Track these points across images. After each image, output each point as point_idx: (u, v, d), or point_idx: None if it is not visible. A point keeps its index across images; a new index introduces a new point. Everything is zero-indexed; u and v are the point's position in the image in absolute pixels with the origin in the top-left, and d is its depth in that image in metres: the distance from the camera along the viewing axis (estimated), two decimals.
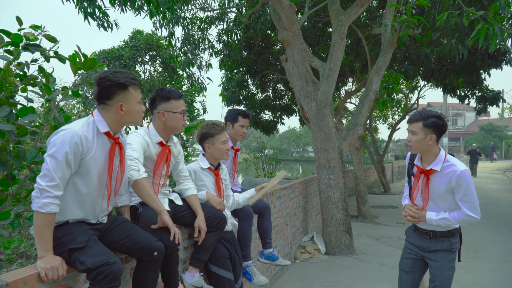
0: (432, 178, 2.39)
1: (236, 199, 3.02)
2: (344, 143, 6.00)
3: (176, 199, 2.53)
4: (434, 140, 2.34)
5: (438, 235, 2.45)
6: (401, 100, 14.90)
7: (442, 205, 2.40)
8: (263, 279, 3.10)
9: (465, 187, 2.27)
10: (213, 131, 2.75)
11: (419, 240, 2.55)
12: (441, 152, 2.38)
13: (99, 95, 1.84)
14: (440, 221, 2.37)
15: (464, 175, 2.27)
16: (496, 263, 5.20)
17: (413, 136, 2.37)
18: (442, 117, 2.35)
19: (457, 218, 2.33)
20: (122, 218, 2.02)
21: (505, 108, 40.18)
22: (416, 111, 2.44)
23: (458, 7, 5.34)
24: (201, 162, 2.81)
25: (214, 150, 2.76)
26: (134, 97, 1.89)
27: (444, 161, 2.34)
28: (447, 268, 2.43)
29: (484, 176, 19.27)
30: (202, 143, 2.81)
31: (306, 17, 6.68)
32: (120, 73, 1.85)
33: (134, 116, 1.91)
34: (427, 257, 2.51)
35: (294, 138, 53.01)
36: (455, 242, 2.46)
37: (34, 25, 2.60)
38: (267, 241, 3.38)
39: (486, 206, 10.05)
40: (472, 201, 2.29)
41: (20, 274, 1.52)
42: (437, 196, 2.40)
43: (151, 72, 11.03)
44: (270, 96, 11.55)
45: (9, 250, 4.77)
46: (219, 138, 2.75)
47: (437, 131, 2.33)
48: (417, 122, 2.35)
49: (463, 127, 52.91)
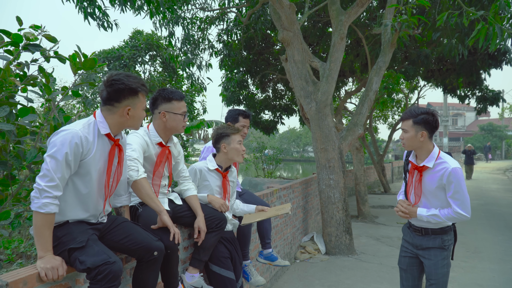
0: (425, 175, 2.40)
1: (234, 207, 3.00)
2: (344, 143, 6.00)
3: (176, 199, 2.52)
4: (426, 137, 2.35)
5: (429, 232, 2.45)
6: (401, 100, 14.90)
7: (434, 202, 2.41)
8: (260, 279, 3.10)
9: (456, 184, 2.28)
10: (229, 131, 2.75)
11: (412, 238, 2.56)
12: (435, 149, 2.39)
13: (109, 97, 1.83)
14: (430, 217, 2.37)
15: (455, 172, 2.27)
16: (496, 263, 5.20)
17: (405, 133, 2.40)
18: (432, 113, 2.36)
19: (447, 216, 2.33)
20: (122, 218, 2.02)
21: (505, 108, 40.21)
22: (408, 109, 2.46)
23: (458, 7, 5.34)
24: (209, 162, 2.77)
25: (230, 150, 2.73)
26: (141, 103, 1.91)
27: (437, 158, 2.36)
28: (441, 266, 2.43)
29: (484, 176, 19.26)
30: (218, 143, 2.77)
31: (306, 17, 6.68)
32: (132, 78, 1.86)
33: (137, 121, 1.93)
34: (421, 255, 2.51)
35: (294, 138, 53.00)
36: (448, 239, 2.45)
37: (34, 25, 2.60)
38: (267, 241, 3.38)
39: (486, 206, 10.05)
40: (462, 199, 2.29)
41: (20, 274, 1.52)
42: (429, 192, 2.41)
43: (151, 72, 11.03)
44: (270, 96, 11.55)
45: (9, 250, 4.77)
46: (235, 138, 2.74)
47: (428, 127, 2.34)
48: (408, 120, 2.38)
49: (463, 127, 52.92)
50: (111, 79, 1.82)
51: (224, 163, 2.79)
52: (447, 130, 24.14)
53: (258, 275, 3.11)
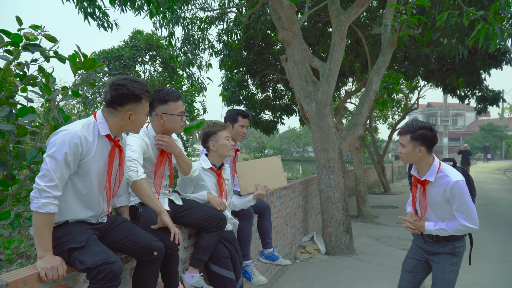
0: (428, 188, 2.38)
1: (233, 200, 3.01)
2: (344, 143, 6.00)
3: (176, 199, 2.52)
4: (424, 152, 2.31)
5: (441, 239, 2.45)
6: (401, 100, 14.90)
7: (441, 214, 2.39)
8: (262, 278, 3.10)
9: (459, 197, 2.24)
10: (215, 128, 2.78)
11: (424, 243, 2.56)
12: (435, 162, 2.35)
13: (112, 100, 1.84)
14: (438, 231, 2.37)
15: (457, 186, 2.23)
16: (496, 263, 5.20)
17: (403, 148, 2.37)
18: (431, 128, 2.31)
19: (454, 228, 2.31)
20: (122, 218, 2.02)
21: (505, 108, 40.22)
22: (406, 123, 2.41)
23: (458, 7, 5.34)
24: (203, 162, 2.79)
25: (219, 147, 2.75)
26: (143, 109, 1.91)
27: (438, 172, 2.32)
28: (448, 271, 2.42)
29: (484, 176, 19.26)
30: (206, 142, 2.80)
31: (306, 17, 6.68)
32: (138, 84, 1.87)
33: (137, 126, 1.94)
34: (431, 259, 2.52)
35: (294, 138, 53.01)
36: (459, 246, 2.44)
37: (34, 25, 2.59)
38: (267, 241, 3.38)
39: (486, 206, 10.05)
40: (467, 211, 2.26)
41: (20, 274, 1.52)
42: (435, 205, 2.39)
43: (151, 72, 11.03)
44: (270, 96, 11.55)
45: (9, 250, 4.78)
46: (222, 134, 2.77)
47: (426, 143, 2.30)
48: (405, 135, 2.34)
49: (463, 127, 52.91)
50: (117, 83, 1.83)
51: (217, 161, 2.81)
52: (447, 130, 24.13)
53: (259, 275, 3.12)
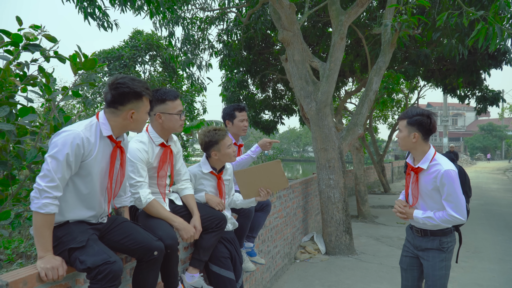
0: (421, 176, 2.40)
1: (234, 199, 3.01)
2: (344, 143, 6.00)
3: (176, 199, 2.52)
4: (419, 138, 2.34)
5: (428, 233, 2.44)
6: (401, 100, 14.90)
7: (430, 203, 2.39)
8: (251, 265, 3.18)
9: (448, 186, 2.25)
10: (217, 137, 2.67)
11: (413, 238, 2.56)
12: (430, 150, 2.38)
13: (113, 100, 1.83)
14: (425, 219, 2.36)
15: (447, 175, 2.24)
16: (496, 263, 5.20)
17: (399, 133, 2.42)
18: (428, 115, 2.32)
19: (441, 218, 2.31)
20: (122, 218, 2.02)
21: (505, 108, 40.21)
22: (407, 109, 2.46)
23: (458, 7, 5.34)
24: (202, 166, 2.76)
25: (221, 156, 2.70)
26: (145, 106, 1.91)
27: (432, 160, 2.34)
28: (439, 268, 2.42)
29: (484, 176, 19.26)
30: (207, 150, 2.73)
31: (306, 17, 6.68)
32: (137, 82, 1.87)
33: (140, 125, 1.94)
34: (421, 256, 2.51)
35: (294, 138, 53.03)
36: (447, 241, 2.43)
37: (34, 25, 2.59)
38: (253, 235, 3.40)
39: (486, 206, 10.05)
40: (456, 202, 2.25)
41: (20, 274, 1.51)
42: (426, 194, 2.40)
43: (151, 72, 11.04)
44: (270, 96, 11.55)
45: (9, 250, 4.78)
46: (224, 143, 2.68)
47: (421, 129, 2.32)
48: (403, 120, 2.39)
49: (463, 127, 52.93)
50: (116, 82, 1.82)
51: (218, 165, 2.78)
52: (447, 130, 24.13)
53: (249, 262, 3.20)
